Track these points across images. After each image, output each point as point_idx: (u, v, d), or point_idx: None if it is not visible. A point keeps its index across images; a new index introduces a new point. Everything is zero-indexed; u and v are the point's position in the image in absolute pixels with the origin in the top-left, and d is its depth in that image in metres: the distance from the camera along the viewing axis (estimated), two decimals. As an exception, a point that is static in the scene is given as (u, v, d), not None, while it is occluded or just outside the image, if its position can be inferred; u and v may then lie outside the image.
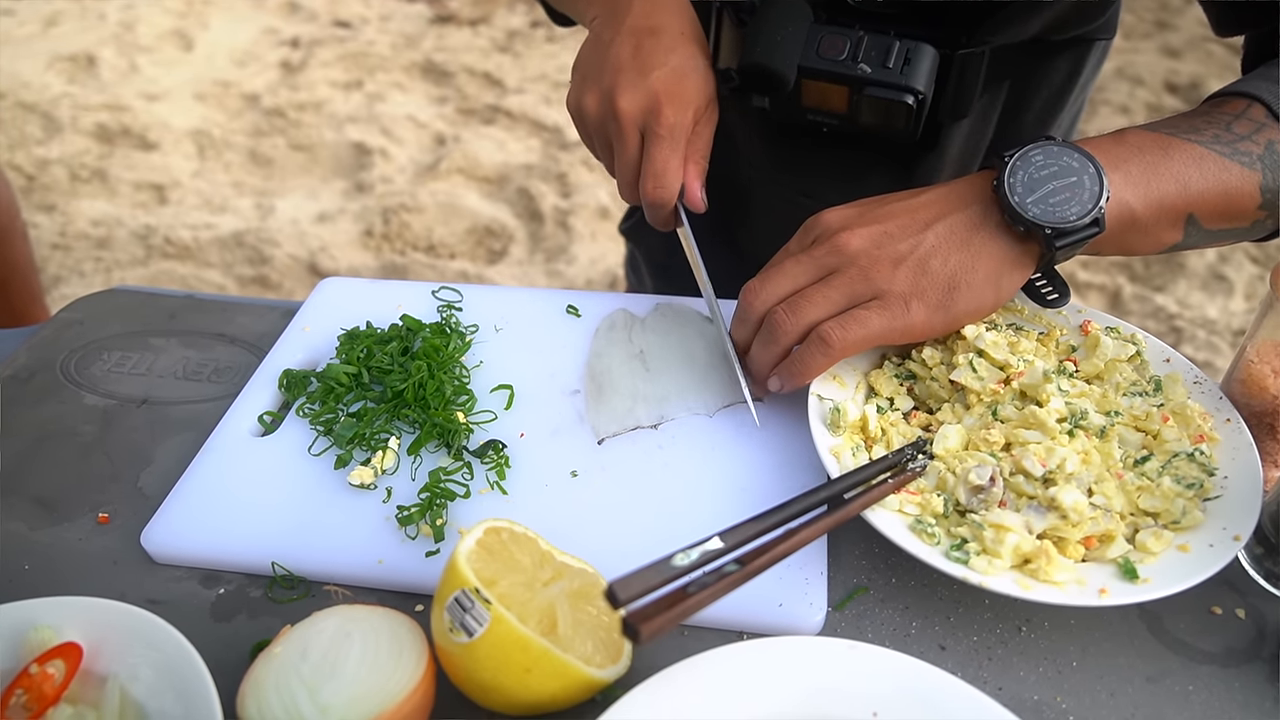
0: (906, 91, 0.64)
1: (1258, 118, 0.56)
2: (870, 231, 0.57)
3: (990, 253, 0.56)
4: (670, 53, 0.65)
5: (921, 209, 0.57)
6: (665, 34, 0.66)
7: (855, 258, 0.56)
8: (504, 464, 0.62)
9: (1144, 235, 0.56)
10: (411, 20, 3.27)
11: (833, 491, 0.52)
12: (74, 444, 0.68)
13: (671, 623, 0.41)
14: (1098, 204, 0.53)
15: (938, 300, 0.56)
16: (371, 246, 2.34)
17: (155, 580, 0.58)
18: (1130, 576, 0.50)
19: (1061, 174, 0.54)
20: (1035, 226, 0.54)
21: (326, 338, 0.74)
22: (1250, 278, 2.16)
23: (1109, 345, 0.61)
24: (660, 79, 0.64)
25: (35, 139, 2.69)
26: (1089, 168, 0.54)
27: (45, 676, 0.47)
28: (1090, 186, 0.54)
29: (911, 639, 0.53)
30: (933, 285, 0.55)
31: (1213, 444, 0.57)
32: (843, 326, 0.56)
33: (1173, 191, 0.55)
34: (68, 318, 0.81)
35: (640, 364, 0.69)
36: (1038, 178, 0.55)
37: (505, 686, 0.46)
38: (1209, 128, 0.56)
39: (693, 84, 0.65)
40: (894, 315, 0.55)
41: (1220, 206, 0.55)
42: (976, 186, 0.58)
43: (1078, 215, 0.53)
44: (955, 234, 0.56)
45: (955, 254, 0.55)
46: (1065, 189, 0.54)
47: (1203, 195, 0.55)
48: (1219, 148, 0.55)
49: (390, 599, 0.56)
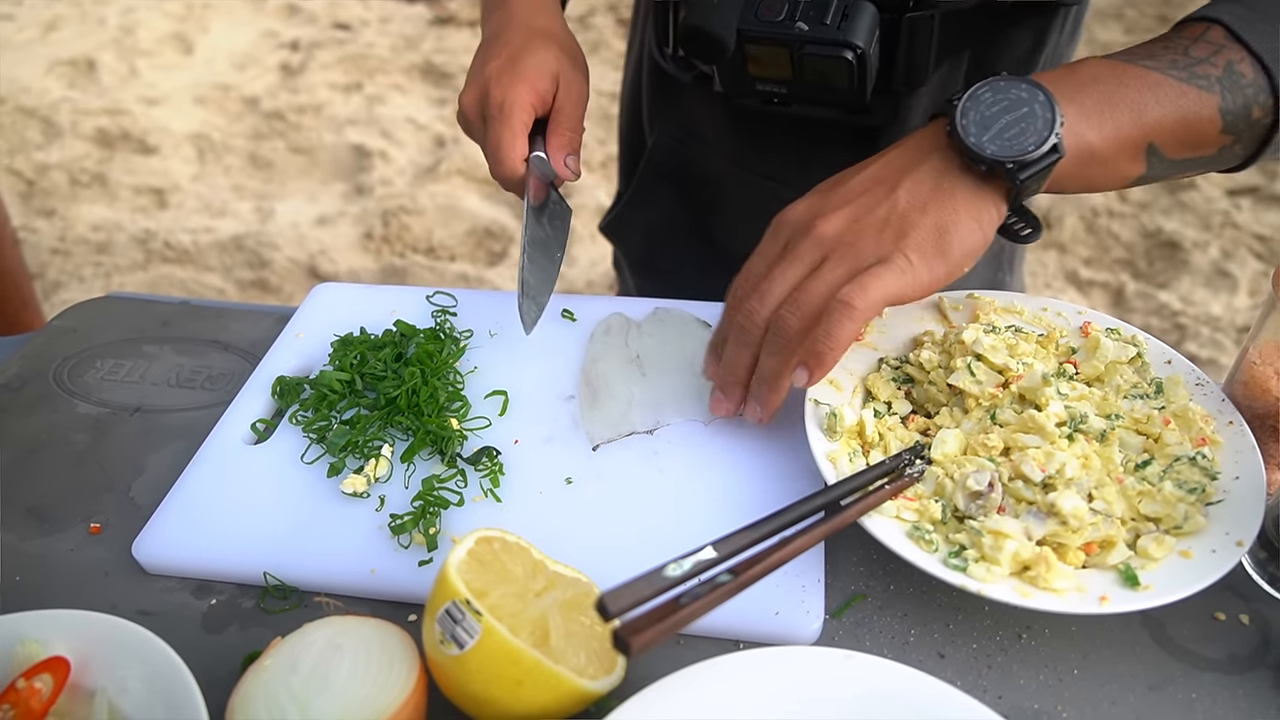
0: (844, 47, 0.64)
1: (1216, 39, 0.54)
2: (843, 213, 0.56)
3: (964, 195, 0.55)
4: (507, 45, 0.69)
5: (883, 175, 0.57)
6: (512, 32, 0.70)
7: (839, 239, 0.55)
8: (498, 471, 0.61)
9: (1104, 168, 0.55)
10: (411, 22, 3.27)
11: (829, 498, 0.52)
12: (66, 453, 0.67)
13: (663, 635, 0.41)
14: (1053, 129, 0.52)
15: (934, 249, 0.54)
16: (371, 249, 2.34)
17: (147, 591, 0.58)
18: (1132, 583, 0.49)
19: (1012, 106, 0.53)
20: (996, 163, 0.53)
21: (320, 344, 0.73)
22: (1254, 274, 2.15)
23: (1109, 347, 0.61)
24: (493, 68, 0.68)
25: (35, 144, 2.69)
26: (1038, 95, 0.53)
27: (32, 691, 0.46)
28: (1043, 114, 0.53)
29: (910, 647, 0.53)
30: (923, 238, 0.54)
31: (1215, 447, 0.56)
32: (861, 287, 0.53)
33: (1129, 121, 0.54)
34: (61, 325, 0.80)
35: (636, 369, 0.68)
36: (989, 114, 0.54)
37: (497, 699, 0.45)
38: (1166, 53, 0.55)
39: (529, 64, 0.68)
40: (900, 272, 0.54)
41: (1180, 133, 0.54)
42: (930, 137, 0.57)
43: (1035, 144, 0.52)
44: (924, 186, 0.55)
45: (932, 205, 0.55)
46: (1018, 120, 0.53)
47: (1160, 122, 0.54)
48: (1175, 72, 0.54)
49: (383, 609, 0.56)
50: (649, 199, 0.92)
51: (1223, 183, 2.42)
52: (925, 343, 0.64)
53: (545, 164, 0.69)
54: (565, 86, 0.70)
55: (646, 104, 0.92)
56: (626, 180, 1.00)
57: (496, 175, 0.68)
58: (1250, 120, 0.54)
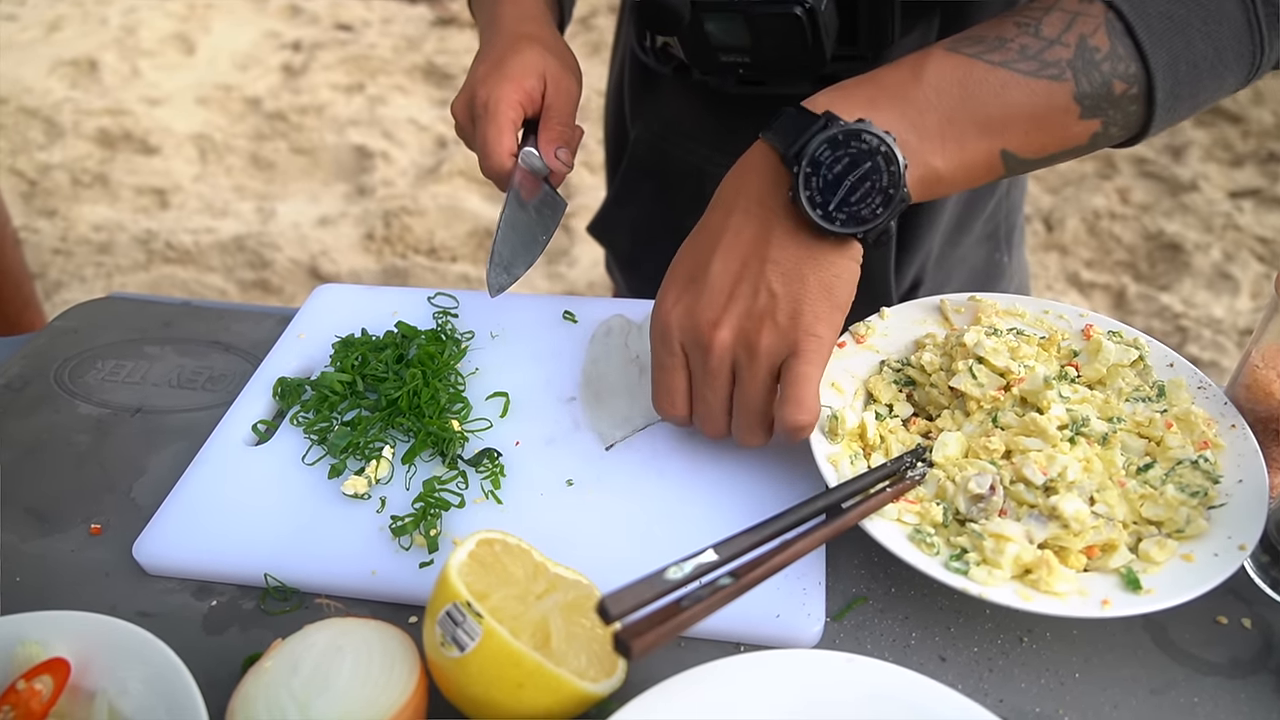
0: (793, 2, 0.63)
1: (1070, 6, 0.50)
2: (727, 318, 0.54)
3: (827, 253, 0.53)
4: (493, 49, 0.69)
5: (741, 256, 0.54)
6: (498, 38, 0.70)
7: (740, 345, 0.54)
8: (499, 473, 0.61)
9: (954, 186, 0.53)
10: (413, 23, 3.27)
11: (830, 500, 0.52)
12: (67, 454, 0.67)
13: (664, 638, 0.41)
14: (899, 187, 0.50)
15: (827, 309, 0.53)
16: (373, 250, 2.34)
17: (147, 592, 0.58)
18: (1133, 587, 0.49)
19: (855, 163, 0.50)
20: (846, 236, 0.52)
21: (321, 345, 0.73)
22: (1256, 276, 2.15)
23: (1111, 350, 0.60)
24: (479, 73, 0.68)
25: (37, 144, 2.69)
26: (880, 146, 0.50)
27: (33, 693, 0.46)
28: (887, 167, 0.50)
29: (911, 650, 0.53)
30: (815, 306, 0.53)
31: (1217, 451, 0.56)
32: (798, 405, 0.53)
33: (974, 137, 0.51)
34: (62, 326, 0.80)
35: (637, 369, 0.68)
36: (830, 178, 0.51)
37: (498, 701, 0.45)
38: (1018, 35, 0.51)
39: (514, 64, 0.68)
40: (815, 352, 0.53)
41: (1033, 133, 0.51)
42: (768, 186, 0.54)
43: (883, 208, 0.51)
44: (789, 260, 0.53)
45: (808, 274, 0.53)
46: (862, 181, 0.50)
47: (1010, 127, 0.51)
48: (1023, 65, 0.50)
49: (384, 610, 0.56)
50: (633, 195, 0.93)
51: (1225, 185, 2.42)
52: (927, 345, 0.64)
53: (536, 158, 0.69)
54: (554, 84, 0.70)
55: (629, 100, 0.92)
56: (612, 178, 1.00)
57: (486, 170, 0.68)
58: (1114, 98, 0.50)
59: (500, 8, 0.74)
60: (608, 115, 1.00)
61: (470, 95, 0.69)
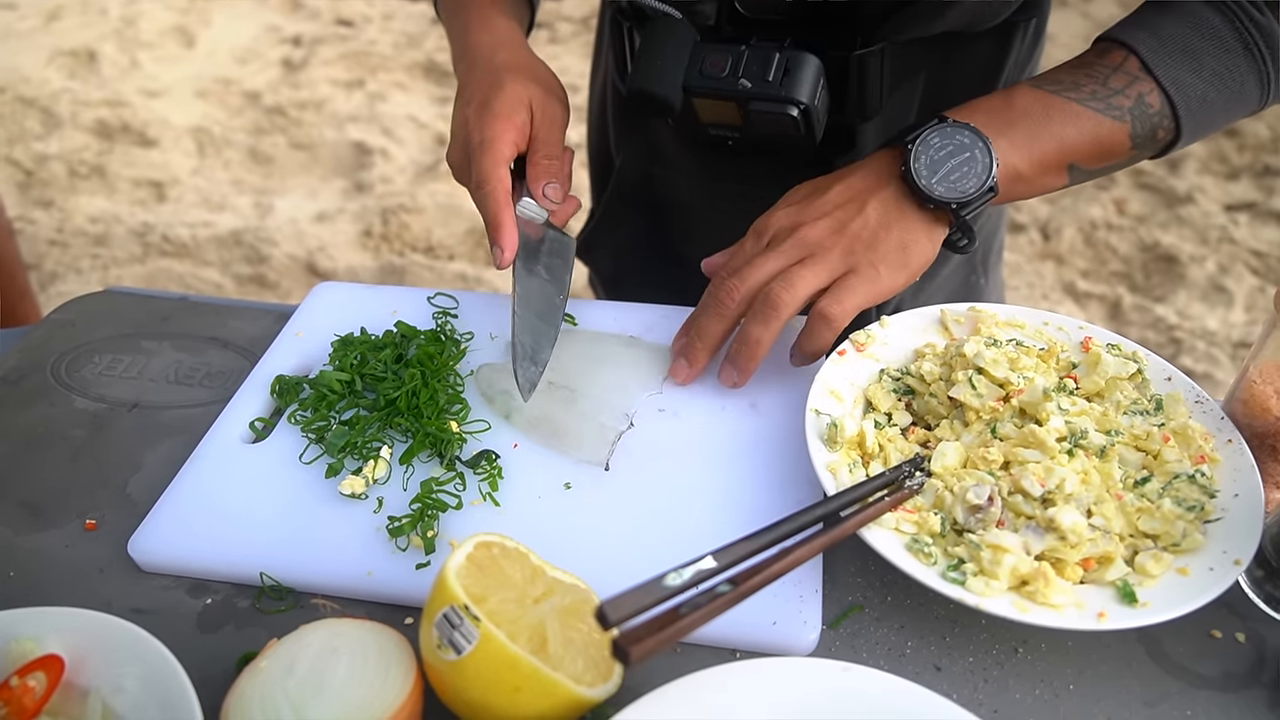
0: (789, 103, 0.66)
1: (1133, 70, 0.63)
2: (824, 222, 0.63)
3: (917, 220, 0.64)
4: (476, 90, 0.70)
5: (852, 193, 0.64)
6: (478, 75, 0.71)
7: (821, 243, 0.63)
8: (497, 475, 0.61)
9: (1030, 185, 0.64)
10: (414, 19, 3.26)
11: (829, 509, 0.52)
12: (63, 448, 0.67)
13: (662, 644, 0.41)
14: (990, 174, 0.61)
15: (897, 261, 0.63)
16: (370, 247, 2.33)
17: (142, 589, 0.57)
18: (1129, 600, 0.49)
19: (957, 151, 0.62)
20: (942, 204, 0.62)
21: (320, 343, 0.73)
22: (1251, 289, 2.16)
23: (1110, 363, 0.61)
24: (468, 115, 0.69)
25: (34, 134, 2.68)
26: (979, 142, 0.62)
27: (26, 689, 0.46)
28: (982, 159, 0.61)
29: (907, 659, 0.53)
30: (890, 251, 0.63)
31: (1214, 465, 0.56)
32: (838, 300, 0.62)
33: (1053, 149, 0.63)
34: (60, 319, 0.80)
35: (565, 393, 0.67)
36: (937, 158, 0.62)
37: (494, 705, 0.45)
38: (1089, 83, 0.63)
39: (500, 101, 0.68)
40: (871, 281, 0.62)
41: (1096, 152, 0.64)
42: (888, 166, 0.65)
43: (976, 188, 0.62)
44: (888, 209, 0.63)
45: (895, 224, 0.63)
46: (962, 165, 0.62)
47: (1079, 146, 0.63)
48: (1094, 104, 0.63)
49: (379, 611, 0.55)
50: (618, 220, 0.93)
51: (1220, 198, 2.43)
52: (926, 355, 0.64)
53: (533, 207, 0.69)
54: (540, 113, 0.70)
55: (613, 128, 0.93)
56: (596, 200, 1.00)
57: (484, 207, 0.66)
58: (1155, 139, 0.64)
59: (472, 36, 0.74)
60: (590, 136, 1.00)
61: (464, 140, 0.69)
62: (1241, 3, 0.62)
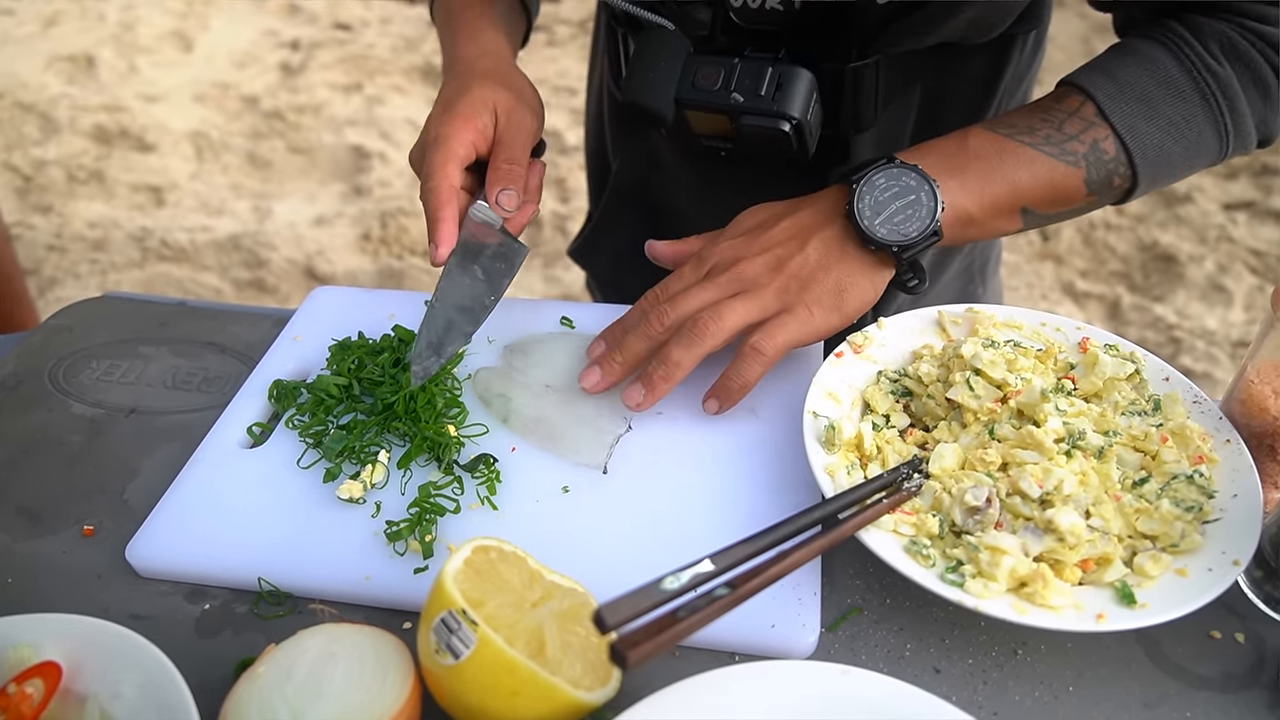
0: (781, 118, 0.66)
1: (1088, 116, 0.63)
2: (764, 259, 0.63)
3: (858, 261, 0.63)
4: (446, 91, 0.70)
5: (797, 231, 0.64)
6: (453, 78, 0.71)
7: (757, 280, 0.63)
8: (495, 479, 0.61)
9: (981, 229, 0.64)
10: (412, 23, 3.27)
11: (827, 511, 0.52)
12: (60, 454, 0.67)
13: (660, 648, 0.41)
14: (934, 218, 0.61)
15: (831, 304, 0.63)
16: (369, 250, 2.33)
17: (140, 595, 0.57)
18: (1128, 601, 0.49)
19: (902, 193, 0.61)
20: (884, 245, 0.62)
21: (318, 348, 0.73)
22: (1249, 289, 2.16)
23: (1108, 363, 0.61)
24: (432, 115, 0.68)
25: (33, 139, 2.68)
26: (925, 185, 0.61)
27: (23, 696, 0.46)
28: (927, 202, 0.61)
29: (906, 661, 0.53)
30: (825, 293, 0.62)
31: (1212, 465, 0.56)
32: (769, 335, 0.61)
33: (1004, 192, 0.63)
34: (57, 324, 0.80)
35: (563, 396, 0.67)
36: (881, 199, 0.62)
37: (492, 710, 0.45)
38: (1044, 127, 0.63)
39: (464, 102, 0.68)
40: (803, 321, 0.62)
41: (1050, 196, 0.64)
42: (835, 203, 0.64)
43: (919, 231, 0.61)
44: (830, 249, 0.63)
45: (835, 266, 0.63)
46: (906, 207, 0.61)
47: (1033, 191, 0.63)
48: (1048, 149, 0.63)
49: (377, 616, 0.55)
50: (615, 223, 0.93)
51: (1219, 197, 2.43)
52: (924, 356, 0.64)
53: (485, 210, 0.67)
54: (505, 118, 0.69)
55: (609, 134, 0.92)
56: (595, 202, 1.00)
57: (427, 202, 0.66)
58: (1111, 186, 0.64)
59: (460, 48, 0.74)
60: (588, 140, 1.00)
61: (424, 137, 0.68)
62: (1200, 52, 0.62)
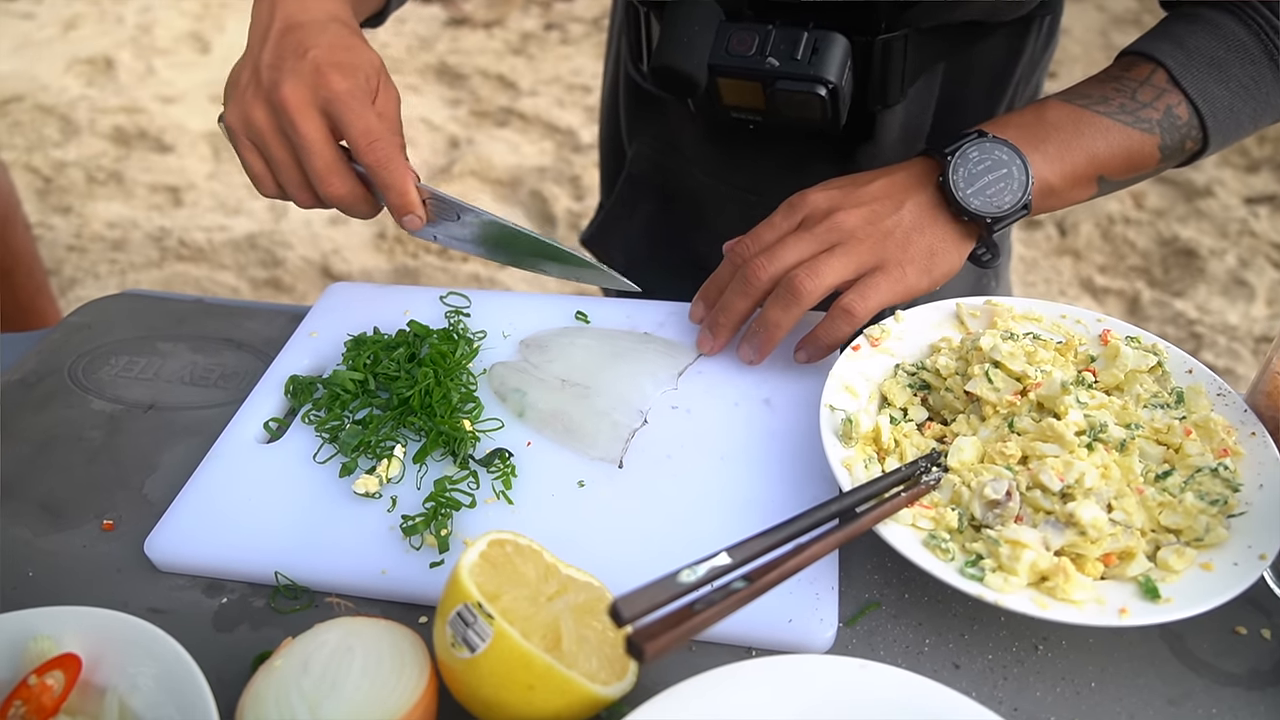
0: (817, 82, 0.66)
1: (1160, 83, 0.64)
2: (861, 211, 0.63)
3: (949, 228, 0.64)
4: (321, 33, 0.63)
5: (892, 190, 0.65)
6: (312, 22, 0.63)
7: (854, 232, 0.63)
8: (510, 473, 0.61)
9: (1060, 199, 0.65)
10: (426, 23, 3.28)
11: (844, 505, 0.51)
12: (80, 449, 0.68)
13: (677, 641, 0.40)
14: (1026, 190, 0.62)
15: (924, 265, 0.63)
16: (384, 249, 2.34)
17: (158, 589, 0.58)
18: (1152, 596, 0.49)
19: (994, 167, 0.62)
20: (977, 217, 0.63)
21: (334, 343, 0.73)
22: (1272, 283, 2.13)
23: (1129, 355, 0.60)
24: (318, 54, 0.61)
25: (53, 141, 2.71)
26: (1016, 159, 0.62)
27: (44, 688, 0.46)
28: (1019, 175, 0.62)
29: (924, 656, 0.52)
30: (919, 253, 0.63)
31: (1237, 458, 0.56)
32: (862, 297, 0.62)
33: (1083, 162, 0.64)
34: (76, 321, 0.80)
35: (579, 390, 0.66)
36: (975, 172, 0.63)
37: (508, 703, 0.45)
38: (1117, 95, 0.64)
39: (358, 54, 0.63)
40: (895, 280, 0.62)
41: (1125, 164, 0.65)
42: (927, 172, 0.65)
43: (1011, 203, 0.62)
44: (924, 212, 0.64)
45: (928, 228, 0.64)
46: (999, 180, 0.62)
47: (1109, 159, 0.64)
48: (1124, 117, 0.64)
49: (394, 610, 0.55)
50: (630, 210, 0.93)
51: (1240, 190, 2.40)
52: (942, 349, 0.63)
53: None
54: (387, 89, 0.66)
55: (625, 117, 0.92)
56: (608, 191, 0.99)
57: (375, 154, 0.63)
58: (1183, 150, 0.65)
59: None
60: (603, 125, 0.99)
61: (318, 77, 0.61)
62: (1267, 15, 0.63)
